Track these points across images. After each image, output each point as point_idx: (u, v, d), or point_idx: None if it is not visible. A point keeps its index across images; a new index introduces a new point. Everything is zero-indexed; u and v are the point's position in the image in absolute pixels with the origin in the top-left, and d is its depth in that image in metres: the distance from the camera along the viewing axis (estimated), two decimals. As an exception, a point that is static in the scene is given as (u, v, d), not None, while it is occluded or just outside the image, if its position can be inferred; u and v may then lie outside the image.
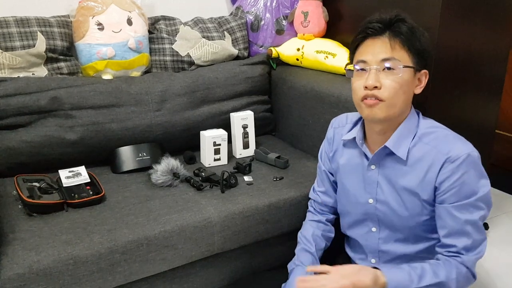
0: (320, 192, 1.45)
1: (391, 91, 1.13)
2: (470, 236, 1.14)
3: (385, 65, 1.14)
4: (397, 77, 1.14)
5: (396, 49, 1.14)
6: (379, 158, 1.24)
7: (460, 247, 1.14)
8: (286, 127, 2.16)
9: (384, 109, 1.15)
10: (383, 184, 1.25)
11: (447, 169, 1.13)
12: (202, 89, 2.00)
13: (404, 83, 1.15)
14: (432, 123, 1.23)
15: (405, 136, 1.20)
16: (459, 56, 1.74)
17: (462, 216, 1.13)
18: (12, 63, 1.75)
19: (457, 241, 1.14)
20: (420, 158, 1.18)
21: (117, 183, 1.68)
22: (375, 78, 1.14)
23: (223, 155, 1.86)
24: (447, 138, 1.18)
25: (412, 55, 1.15)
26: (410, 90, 1.18)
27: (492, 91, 1.91)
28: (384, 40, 1.15)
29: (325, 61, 2.04)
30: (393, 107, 1.15)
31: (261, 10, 2.26)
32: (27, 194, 1.46)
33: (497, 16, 1.78)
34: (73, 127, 1.75)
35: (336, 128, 1.40)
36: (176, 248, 1.44)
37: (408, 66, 1.15)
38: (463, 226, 1.13)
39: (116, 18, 1.92)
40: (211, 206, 1.53)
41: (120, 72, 1.95)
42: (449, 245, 1.15)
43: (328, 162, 1.41)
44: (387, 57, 1.14)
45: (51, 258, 1.25)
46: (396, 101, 1.15)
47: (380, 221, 1.28)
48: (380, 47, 1.15)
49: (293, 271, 1.33)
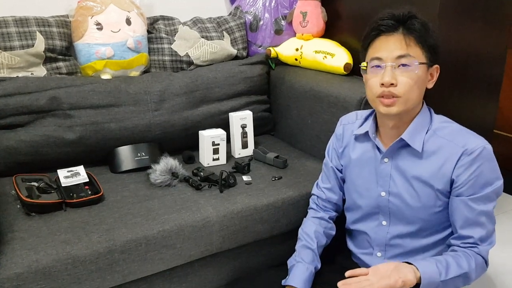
0: (325, 189, 1.45)
1: (406, 87, 1.16)
2: (484, 226, 1.18)
3: (400, 62, 1.16)
4: (413, 73, 1.16)
5: (411, 45, 1.16)
6: (393, 151, 1.26)
7: (477, 238, 1.18)
8: (284, 127, 2.16)
9: (400, 105, 1.18)
10: (395, 177, 1.27)
11: (464, 161, 1.16)
12: (201, 89, 2.00)
13: (419, 79, 1.17)
14: (445, 118, 1.27)
15: (419, 130, 1.23)
16: (457, 56, 1.75)
17: (478, 207, 1.17)
18: (11, 63, 1.75)
19: (474, 232, 1.18)
20: (435, 150, 1.21)
21: (115, 182, 1.68)
22: (391, 75, 1.16)
23: (222, 154, 1.86)
24: (462, 132, 1.22)
25: (426, 51, 1.18)
26: (423, 85, 1.21)
27: (490, 91, 1.91)
28: (398, 37, 1.17)
29: (323, 61, 2.04)
30: (408, 102, 1.18)
31: (260, 10, 2.26)
32: (25, 193, 1.46)
33: (495, 16, 1.78)
34: (72, 127, 1.75)
35: (345, 125, 1.42)
36: (174, 247, 1.44)
37: (422, 62, 1.17)
38: (479, 217, 1.17)
39: (115, 18, 1.92)
40: (210, 206, 1.53)
41: (119, 72, 1.95)
42: (466, 236, 1.18)
43: (336, 159, 1.43)
44: (403, 54, 1.16)
45: (49, 258, 1.25)
46: (411, 96, 1.18)
47: (392, 214, 1.29)
48: (394, 43, 1.17)
49: (293, 267, 1.33)
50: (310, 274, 1.31)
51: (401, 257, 1.30)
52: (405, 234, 1.28)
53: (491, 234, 1.21)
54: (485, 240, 1.19)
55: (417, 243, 1.28)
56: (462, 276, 1.15)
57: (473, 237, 1.18)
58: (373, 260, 1.34)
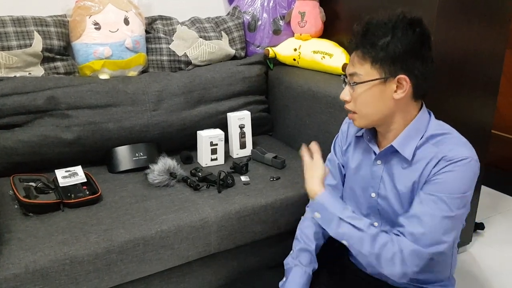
0: (330, 186, 1.44)
1: (357, 104, 1.19)
2: (423, 226, 1.11)
3: (352, 79, 1.18)
4: (362, 91, 1.17)
5: (361, 63, 1.16)
6: (385, 155, 1.26)
7: (408, 230, 1.12)
8: (283, 127, 2.16)
9: (360, 120, 1.21)
10: (386, 180, 1.26)
11: (440, 166, 1.13)
12: (199, 89, 2.00)
13: (373, 95, 1.16)
14: (442, 126, 1.22)
15: (412, 137, 1.20)
16: (455, 57, 1.75)
17: (427, 206, 1.11)
18: (9, 63, 1.75)
19: (409, 223, 1.13)
20: (423, 157, 1.18)
21: (113, 182, 1.68)
22: (345, 92, 1.21)
23: (220, 155, 1.86)
24: (452, 141, 1.17)
25: (379, 66, 1.14)
26: (384, 98, 1.16)
27: (488, 92, 1.91)
28: (355, 54, 1.19)
29: (321, 61, 2.04)
30: (368, 117, 1.20)
31: (258, 10, 2.26)
32: (23, 194, 1.46)
33: (493, 16, 1.78)
34: (69, 127, 1.74)
35: (350, 123, 1.42)
36: (172, 248, 1.44)
37: (369, 80, 1.15)
38: (423, 215, 1.11)
39: (113, 18, 1.92)
40: (208, 206, 1.53)
41: (117, 72, 1.95)
42: (400, 224, 1.15)
43: (341, 156, 1.43)
44: (351, 72, 1.19)
45: (47, 258, 1.25)
46: (368, 112, 1.19)
47: (381, 215, 1.29)
48: (351, 61, 1.20)
49: (291, 270, 1.33)
50: (308, 277, 1.31)
51: None
52: None
53: (425, 239, 1.10)
54: (415, 238, 1.11)
55: None
56: (361, 237, 1.14)
57: (404, 227, 1.13)
58: None
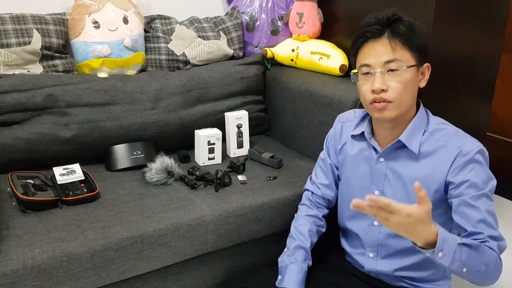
0: (322, 185, 1.46)
1: (398, 92, 1.17)
2: (492, 226, 1.13)
3: (389, 67, 1.16)
4: (402, 77, 1.16)
5: (397, 49, 1.16)
6: (390, 152, 1.27)
7: (486, 235, 1.12)
8: (280, 127, 2.17)
9: (393, 110, 1.18)
10: (390, 177, 1.27)
11: (460, 162, 1.16)
12: (197, 89, 2.01)
13: (409, 82, 1.17)
14: (441, 120, 1.27)
15: (417, 131, 1.23)
16: (451, 59, 1.76)
17: (482, 206, 1.13)
18: (7, 60, 1.75)
19: (483, 229, 1.13)
20: (431, 152, 1.21)
21: (111, 180, 1.68)
22: (381, 81, 1.16)
23: (217, 154, 1.87)
24: (457, 134, 1.22)
25: (413, 52, 1.17)
26: (415, 86, 1.21)
27: (484, 94, 1.93)
28: (384, 42, 1.17)
29: (319, 62, 2.05)
30: (402, 106, 1.19)
31: (256, 11, 2.27)
32: (21, 191, 1.46)
33: (489, 19, 1.80)
34: (68, 125, 1.75)
35: (344, 122, 1.43)
36: (169, 246, 1.45)
37: (411, 65, 1.17)
38: (485, 215, 1.13)
39: (112, 17, 1.93)
40: (205, 205, 1.54)
41: (115, 71, 1.96)
42: (476, 232, 1.13)
43: (334, 156, 1.43)
44: (390, 59, 1.16)
45: (45, 255, 1.26)
46: (404, 100, 1.18)
47: None
48: (381, 49, 1.17)
49: (286, 268, 1.33)
50: (304, 274, 1.32)
51: (394, 258, 1.31)
52: (397, 234, 1.29)
53: (499, 235, 1.14)
54: (496, 239, 1.13)
55: (409, 243, 1.28)
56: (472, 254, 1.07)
57: (483, 233, 1.12)
58: (366, 260, 1.35)
